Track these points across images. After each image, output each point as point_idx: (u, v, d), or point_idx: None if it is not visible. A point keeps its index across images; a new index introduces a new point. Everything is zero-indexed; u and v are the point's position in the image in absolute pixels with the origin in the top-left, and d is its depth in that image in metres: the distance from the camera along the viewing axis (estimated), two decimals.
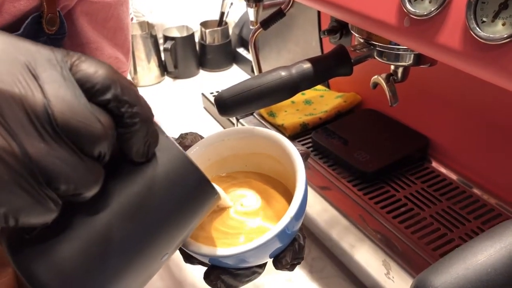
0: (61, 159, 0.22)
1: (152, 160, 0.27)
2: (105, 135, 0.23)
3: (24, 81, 0.22)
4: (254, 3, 0.78)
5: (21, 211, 0.21)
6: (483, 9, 0.33)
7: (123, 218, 0.26)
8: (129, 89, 0.24)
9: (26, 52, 0.23)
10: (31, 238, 0.24)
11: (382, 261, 0.55)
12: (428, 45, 0.38)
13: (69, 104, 0.22)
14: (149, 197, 0.26)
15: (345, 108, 0.82)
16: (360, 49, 0.54)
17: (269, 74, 0.52)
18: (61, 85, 0.22)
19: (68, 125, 0.22)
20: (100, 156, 0.24)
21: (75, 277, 0.25)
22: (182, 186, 0.27)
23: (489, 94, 0.57)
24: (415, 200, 0.62)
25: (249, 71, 1.24)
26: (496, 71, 0.33)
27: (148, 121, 0.25)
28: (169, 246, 0.28)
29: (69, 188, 0.22)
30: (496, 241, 0.31)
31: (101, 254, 0.25)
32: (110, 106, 0.24)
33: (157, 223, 0.27)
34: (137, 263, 0.27)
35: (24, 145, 0.21)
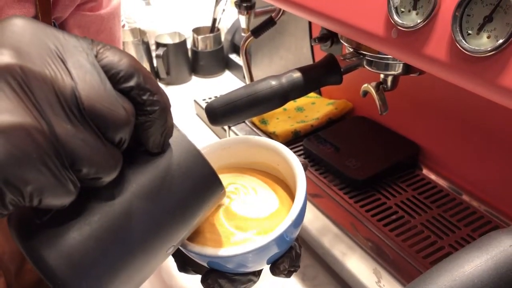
0: (85, 142, 0.22)
1: (166, 152, 0.28)
2: (128, 121, 0.24)
3: (53, 65, 0.22)
4: (246, 11, 0.78)
5: (45, 190, 0.22)
6: (468, 21, 0.33)
7: (135, 207, 0.26)
8: (150, 78, 0.25)
9: (54, 38, 0.23)
10: (42, 223, 0.24)
11: (373, 269, 0.55)
12: (415, 56, 0.38)
13: (95, 89, 0.23)
14: (161, 188, 0.27)
15: (337, 115, 0.82)
16: (349, 58, 0.54)
17: (259, 83, 0.52)
18: (88, 71, 0.23)
19: (94, 109, 0.22)
20: (120, 142, 0.24)
21: (84, 264, 0.25)
22: (193, 178, 0.28)
23: (479, 101, 0.58)
24: (405, 208, 0.63)
25: (242, 77, 1.24)
26: (481, 83, 0.33)
27: (167, 110, 0.26)
28: (175, 238, 0.29)
29: (90, 171, 0.23)
30: (483, 252, 0.31)
31: (111, 241, 0.25)
32: (132, 94, 0.24)
33: (167, 214, 0.27)
34: (145, 253, 0.27)
35: (53, 125, 0.21)
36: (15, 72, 0.21)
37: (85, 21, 0.53)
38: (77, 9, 0.53)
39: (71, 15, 0.52)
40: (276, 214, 0.36)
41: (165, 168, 0.27)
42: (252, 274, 0.36)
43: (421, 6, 0.37)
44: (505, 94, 0.32)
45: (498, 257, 0.30)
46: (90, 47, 0.24)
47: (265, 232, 0.34)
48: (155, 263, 0.29)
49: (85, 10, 0.55)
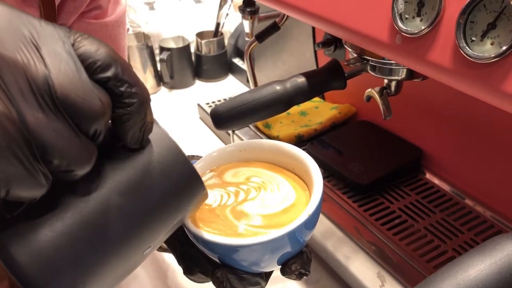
0: (57, 132, 0.21)
1: (145, 148, 0.26)
2: (103, 113, 0.23)
3: (26, 51, 0.21)
4: (250, 16, 0.79)
5: (13, 181, 0.21)
6: (472, 28, 0.34)
7: (111, 205, 0.25)
8: (128, 69, 0.24)
9: (29, 24, 0.22)
10: (12, 218, 0.23)
11: (376, 273, 0.56)
12: (419, 62, 0.38)
13: (70, 78, 0.22)
14: (139, 185, 0.26)
15: (340, 120, 0.83)
16: (353, 63, 0.54)
17: (264, 88, 0.52)
18: (63, 59, 0.22)
19: (68, 98, 0.22)
20: (95, 135, 0.23)
21: (55, 262, 0.23)
22: (172, 177, 0.27)
23: (482, 107, 0.58)
24: (409, 212, 0.63)
25: (245, 81, 1.24)
26: (484, 89, 0.33)
27: (146, 103, 0.25)
28: (153, 238, 0.28)
29: (62, 163, 0.22)
30: (486, 256, 0.31)
31: (84, 239, 0.24)
32: (109, 85, 0.23)
33: (145, 213, 0.26)
34: (120, 253, 0.26)
35: (23, 113, 0.21)
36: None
37: (89, 29, 0.53)
38: (81, 16, 0.53)
39: (75, 22, 0.52)
40: (291, 209, 0.36)
41: (143, 165, 0.26)
42: (261, 277, 0.36)
43: (425, 12, 0.37)
44: (508, 100, 0.32)
45: (501, 261, 0.30)
46: (67, 35, 0.23)
47: (279, 226, 0.35)
48: (131, 264, 0.28)
49: (90, 18, 0.55)
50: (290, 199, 0.37)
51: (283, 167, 0.41)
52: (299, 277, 0.37)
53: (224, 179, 0.39)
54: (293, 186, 0.38)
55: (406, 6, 0.38)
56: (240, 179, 0.39)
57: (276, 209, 0.36)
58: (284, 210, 0.36)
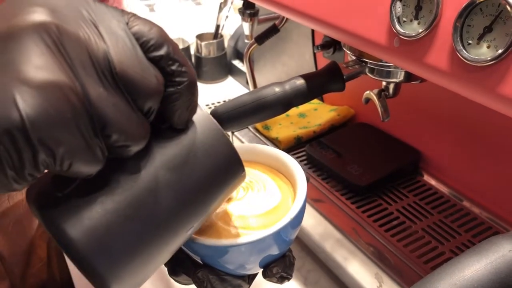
0: (117, 107, 0.22)
1: (190, 129, 0.27)
2: (158, 90, 0.23)
3: (87, 28, 0.22)
4: (249, 18, 0.79)
5: (76, 154, 0.21)
6: (469, 31, 0.34)
7: (160, 183, 0.25)
8: (179, 50, 0.25)
9: (86, 4, 0.23)
10: (63, 195, 0.24)
11: (374, 274, 0.56)
12: (417, 65, 0.39)
13: (127, 55, 0.22)
14: (185, 164, 0.26)
15: (339, 122, 0.83)
16: (352, 65, 0.55)
17: (263, 90, 0.53)
18: (119, 37, 0.23)
19: (126, 74, 0.22)
20: (149, 111, 0.24)
21: (106, 238, 0.24)
22: (215, 157, 0.28)
23: (479, 109, 0.58)
24: (407, 213, 0.63)
25: (244, 83, 1.25)
26: (481, 92, 0.34)
27: (194, 83, 0.25)
28: (196, 218, 0.28)
29: (120, 138, 0.22)
30: (483, 257, 0.31)
31: (134, 216, 0.25)
32: (162, 63, 0.24)
33: (189, 192, 0.27)
34: (167, 231, 0.26)
35: (86, 87, 0.21)
36: (50, 30, 0.20)
37: None
38: None
39: None
40: (276, 210, 0.36)
41: (188, 145, 0.27)
42: (243, 280, 0.36)
43: (422, 16, 0.38)
44: (504, 103, 0.32)
45: (497, 262, 0.31)
46: (121, 14, 0.24)
47: (263, 227, 0.35)
48: (176, 243, 0.28)
49: None
50: (275, 200, 0.37)
51: (270, 167, 0.41)
52: (280, 280, 0.37)
53: None
54: (279, 185, 0.39)
55: (404, 9, 0.39)
56: None
57: (261, 210, 0.36)
58: (269, 211, 0.36)
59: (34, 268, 0.69)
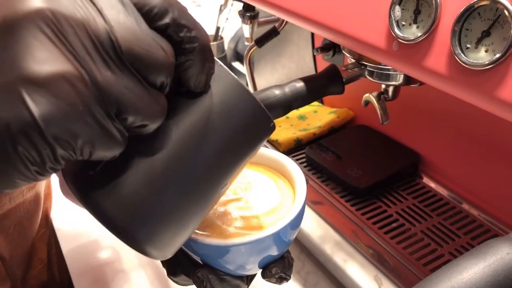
0: (128, 88, 0.21)
1: (209, 88, 0.26)
2: (168, 62, 0.22)
3: (83, 6, 0.20)
4: (249, 20, 0.80)
5: (95, 142, 0.21)
6: (467, 35, 0.34)
7: (186, 148, 0.26)
8: (185, 13, 0.23)
9: None
10: (95, 174, 0.24)
11: (373, 276, 0.56)
12: (415, 68, 0.39)
13: (131, 30, 0.21)
14: (209, 127, 0.26)
15: (338, 124, 0.83)
16: (351, 68, 0.55)
17: (263, 92, 0.53)
18: (120, 11, 0.21)
19: (132, 52, 0.21)
20: (162, 85, 0.23)
21: (142, 209, 0.25)
22: (241, 113, 0.27)
23: (478, 112, 0.59)
24: (406, 216, 0.63)
25: (245, 85, 1.25)
26: (478, 95, 0.34)
27: (207, 46, 0.24)
28: (229, 174, 0.28)
29: (136, 119, 0.22)
30: (481, 259, 0.32)
31: (166, 185, 0.25)
32: (169, 31, 0.23)
33: (220, 152, 0.27)
34: (201, 192, 0.27)
35: (93, 73, 0.20)
36: (46, 17, 0.19)
37: None
38: None
39: None
40: (275, 211, 0.37)
41: (211, 106, 0.26)
42: (242, 280, 0.36)
43: (421, 20, 0.38)
44: (502, 106, 0.33)
45: (495, 264, 0.31)
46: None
47: (263, 228, 0.35)
48: (211, 203, 0.29)
49: None
50: (275, 201, 0.37)
51: (270, 168, 0.41)
52: (279, 281, 0.37)
53: None
54: (278, 186, 0.39)
55: (403, 13, 0.39)
56: None
57: (260, 211, 0.36)
58: (268, 212, 0.36)
59: (35, 270, 0.69)
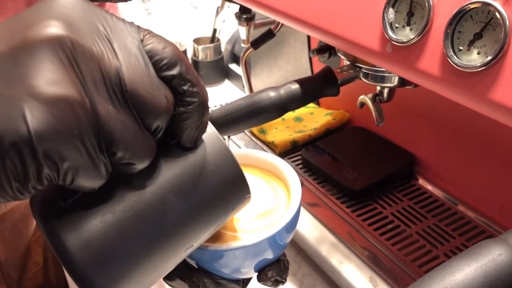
0: (124, 125, 0.22)
1: (198, 147, 0.27)
2: (167, 109, 0.23)
3: (101, 44, 0.22)
4: (246, 22, 0.80)
5: (80, 170, 0.21)
6: (459, 38, 0.35)
7: (162, 201, 0.25)
8: (192, 69, 0.25)
9: (103, 18, 0.23)
10: (66, 205, 0.24)
11: (369, 277, 0.56)
12: (409, 70, 0.39)
13: (139, 73, 0.22)
14: (189, 184, 0.26)
15: (334, 126, 0.83)
16: (346, 70, 0.55)
17: (258, 94, 0.53)
18: (133, 54, 0.23)
19: (136, 92, 0.22)
20: (156, 130, 0.24)
21: (104, 252, 0.24)
22: (222, 178, 0.28)
23: (473, 114, 0.59)
24: (401, 217, 0.64)
25: (241, 87, 1.25)
26: (471, 97, 0.34)
27: (205, 104, 0.25)
28: (196, 237, 0.28)
29: (125, 156, 0.22)
30: (473, 260, 0.32)
31: (134, 233, 0.25)
32: (173, 82, 0.24)
33: (193, 211, 0.27)
34: (165, 249, 0.26)
35: (96, 103, 0.21)
36: (64, 44, 0.21)
37: None
38: None
39: None
40: (270, 213, 0.37)
41: (196, 164, 0.27)
42: (238, 284, 0.36)
43: (414, 22, 0.38)
44: (493, 108, 0.33)
45: (487, 265, 0.31)
46: (136, 31, 0.24)
47: (258, 230, 0.35)
48: (173, 262, 0.28)
49: None
50: (269, 203, 0.37)
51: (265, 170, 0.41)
52: (275, 284, 0.37)
53: None
54: (273, 189, 0.39)
55: (396, 15, 0.39)
56: None
57: (255, 214, 0.36)
58: (263, 214, 0.36)
59: (30, 272, 0.69)
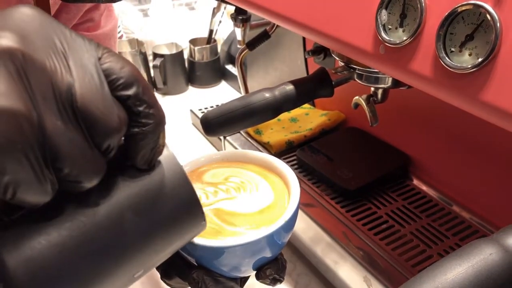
0: (72, 142, 0.22)
1: (153, 169, 0.26)
2: (119, 129, 0.23)
3: (55, 59, 0.22)
4: (241, 23, 0.80)
5: (22, 184, 0.20)
6: (451, 39, 0.35)
7: (111, 223, 0.25)
8: (149, 90, 0.25)
9: (61, 33, 0.23)
10: (10, 221, 0.23)
11: (363, 277, 0.57)
12: (402, 72, 0.39)
13: (92, 91, 0.22)
14: (141, 206, 0.26)
15: (330, 126, 0.84)
16: (341, 71, 0.55)
17: (253, 95, 0.53)
18: (88, 72, 0.22)
19: (87, 110, 0.22)
20: (107, 150, 0.23)
21: (45, 272, 0.23)
22: (175, 202, 0.27)
23: (467, 115, 0.59)
24: (396, 217, 0.64)
25: (237, 88, 1.25)
26: (462, 98, 0.34)
27: (161, 125, 0.25)
28: (146, 262, 0.27)
29: (71, 173, 0.22)
30: (464, 260, 0.32)
31: (78, 253, 0.24)
32: (129, 102, 0.24)
33: (142, 235, 0.26)
34: (112, 272, 0.25)
35: (43, 117, 0.21)
36: (15, 57, 0.20)
37: None
38: (74, 28, 0.54)
39: None
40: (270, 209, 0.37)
41: (149, 187, 0.26)
42: (236, 282, 0.37)
43: (407, 24, 0.38)
44: (485, 109, 0.33)
45: (478, 265, 0.31)
46: (94, 49, 0.24)
47: (257, 227, 0.35)
48: (120, 285, 0.27)
49: (82, 30, 0.55)
50: (268, 200, 0.38)
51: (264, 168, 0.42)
52: (273, 282, 0.37)
53: (203, 179, 0.40)
54: (272, 185, 0.39)
55: (389, 17, 0.39)
56: (219, 179, 0.40)
57: (254, 210, 0.37)
58: (262, 210, 0.37)
59: None
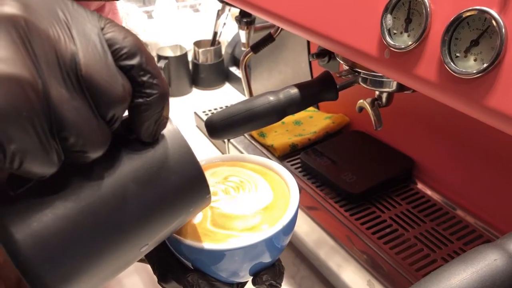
0: (77, 110, 0.21)
1: (157, 143, 0.26)
2: (123, 98, 0.23)
3: (59, 28, 0.22)
4: (246, 26, 0.80)
5: (28, 153, 0.20)
6: (456, 44, 0.35)
7: (115, 195, 0.25)
8: (152, 61, 0.24)
9: (64, 4, 0.23)
10: (16, 195, 0.23)
11: (367, 281, 0.56)
12: (407, 76, 0.39)
13: (96, 59, 0.22)
14: (146, 179, 0.26)
15: (334, 129, 0.84)
16: (345, 75, 0.55)
17: (258, 98, 0.53)
18: (91, 41, 0.22)
19: (91, 78, 0.22)
20: (112, 119, 0.23)
21: (51, 244, 0.23)
22: (180, 175, 0.27)
23: (472, 119, 0.59)
24: (400, 221, 0.64)
25: (241, 90, 1.26)
26: (467, 103, 0.34)
27: (165, 96, 0.25)
28: (152, 236, 0.27)
29: (77, 143, 0.22)
30: (469, 265, 0.32)
31: (85, 226, 0.24)
32: (132, 73, 0.24)
33: (148, 208, 0.26)
34: (119, 245, 0.25)
35: (48, 85, 0.20)
36: (18, 24, 0.20)
37: None
38: None
39: None
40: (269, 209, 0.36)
41: (153, 160, 0.26)
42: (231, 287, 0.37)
43: (412, 28, 0.38)
44: (489, 114, 0.33)
45: (483, 270, 0.31)
46: (97, 19, 0.24)
47: (256, 230, 0.35)
48: (126, 260, 0.27)
49: None
50: (267, 199, 0.37)
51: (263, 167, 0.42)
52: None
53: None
54: (271, 185, 0.39)
55: (394, 22, 0.40)
56: (218, 179, 0.40)
57: (253, 211, 0.36)
58: (261, 210, 0.36)
59: None
